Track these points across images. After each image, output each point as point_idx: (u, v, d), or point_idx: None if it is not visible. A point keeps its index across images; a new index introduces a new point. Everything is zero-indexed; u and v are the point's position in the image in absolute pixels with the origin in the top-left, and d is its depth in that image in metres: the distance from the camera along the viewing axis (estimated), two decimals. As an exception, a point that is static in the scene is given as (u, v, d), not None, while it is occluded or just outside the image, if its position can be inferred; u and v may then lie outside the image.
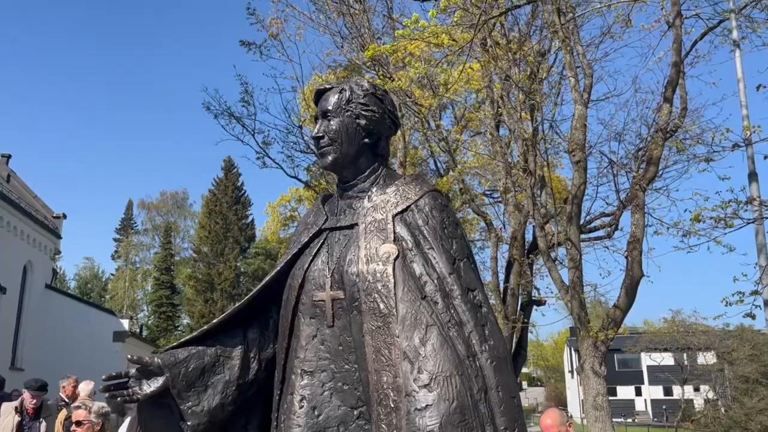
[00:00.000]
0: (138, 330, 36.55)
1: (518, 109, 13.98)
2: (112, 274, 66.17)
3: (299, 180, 18.24)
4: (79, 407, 4.71)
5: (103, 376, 2.33)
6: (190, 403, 2.33)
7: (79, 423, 4.60)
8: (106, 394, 2.30)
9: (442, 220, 2.30)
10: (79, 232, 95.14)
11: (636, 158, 15.47)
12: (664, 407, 46.63)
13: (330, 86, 2.48)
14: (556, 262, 12.40)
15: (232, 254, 52.33)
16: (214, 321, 2.45)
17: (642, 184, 12.00)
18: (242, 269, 54.07)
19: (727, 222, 7.32)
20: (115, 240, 67.02)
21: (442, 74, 14.48)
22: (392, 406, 2.00)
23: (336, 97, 2.41)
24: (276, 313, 2.48)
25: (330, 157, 2.40)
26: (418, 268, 2.17)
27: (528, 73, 14.38)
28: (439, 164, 23.41)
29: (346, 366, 2.21)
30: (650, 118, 14.96)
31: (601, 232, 16.37)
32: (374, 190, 2.39)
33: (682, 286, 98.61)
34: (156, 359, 2.35)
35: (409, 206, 2.31)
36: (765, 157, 6.23)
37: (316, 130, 2.42)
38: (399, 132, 14.86)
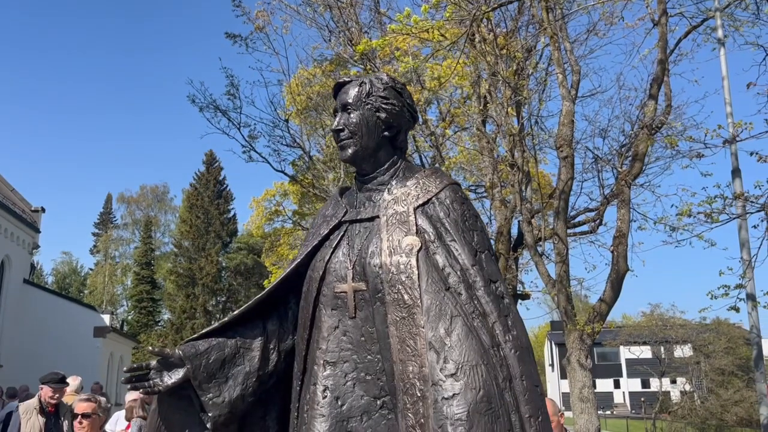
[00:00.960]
0: (119, 325, 36.23)
1: (505, 105, 14.06)
2: (91, 269, 65.50)
3: (286, 174, 18.19)
4: (88, 399, 4.64)
5: (125, 368, 2.34)
6: (210, 394, 2.34)
7: (86, 415, 4.54)
8: (128, 386, 2.31)
9: (463, 213, 2.34)
10: (57, 227, 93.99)
11: (620, 154, 15.67)
12: (642, 399, 47.29)
13: (349, 79, 2.50)
14: (543, 256, 12.51)
15: (214, 249, 52.04)
16: (235, 312, 2.46)
17: (628, 179, 12.15)
18: (224, 264, 53.79)
19: (714, 217, 7.42)
20: (94, 234, 66.36)
21: (427, 69, 14.53)
22: (419, 395, 2.03)
23: (356, 90, 2.43)
24: (295, 304, 2.50)
25: (350, 150, 2.42)
26: (441, 259, 2.20)
27: (514, 69, 14.46)
28: (424, 159, 23.47)
29: (369, 356, 2.24)
30: (634, 114, 15.16)
31: (585, 227, 16.54)
32: (394, 182, 2.42)
33: (661, 280, 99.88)
34: (177, 351, 2.36)
35: (430, 199, 2.34)
36: (755, 156, 6.32)
37: (336, 123, 2.44)
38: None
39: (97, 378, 21.24)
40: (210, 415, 2.34)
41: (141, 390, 2.32)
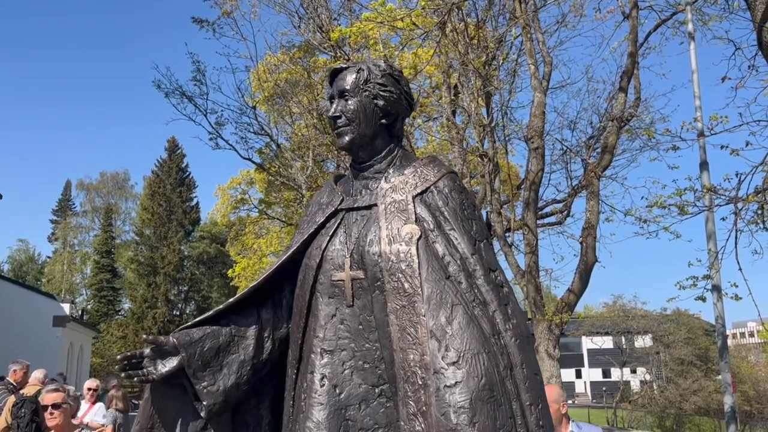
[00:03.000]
0: (79, 315, 35.57)
1: (475, 95, 14.11)
2: (49, 257, 64.10)
3: (253, 162, 18.01)
4: (56, 389, 4.51)
5: (118, 356, 2.29)
6: (205, 383, 2.30)
7: (57, 406, 4.42)
8: (123, 374, 2.26)
9: (462, 202, 2.33)
10: (13, 214, 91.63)
11: (587, 146, 15.88)
12: (603, 389, 48.24)
13: (346, 65, 2.46)
14: (512, 247, 12.63)
15: (176, 237, 51.39)
16: (230, 300, 2.43)
17: (597, 171, 12.33)
18: (186, 253, 53.20)
19: (685, 210, 7.57)
20: (52, 222, 64.94)
21: (396, 59, 14.47)
22: (420, 383, 2.02)
23: (353, 76, 2.40)
24: (289, 292, 2.47)
25: (347, 138, 2.39)
26: (440, 248, 2.19)
27: (484, 60, 14.50)
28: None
29: (367, 345, 2.22)
30: (602, 107, 15.37)
31: (552, 218, 16.72)
32: (391, 171, 2.40)
33: (623, 271, 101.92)
34: (171, 338, 2.32)
35: (429, 187, 2.32)
36: (726, 149, 6.45)
37: (333, 110, 2.41)
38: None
39: (57, 368, 20.84)
40: (204, 403, 2.30)
41: (136, 378, 2.26)
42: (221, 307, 2.42)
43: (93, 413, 9.04)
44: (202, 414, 2.32)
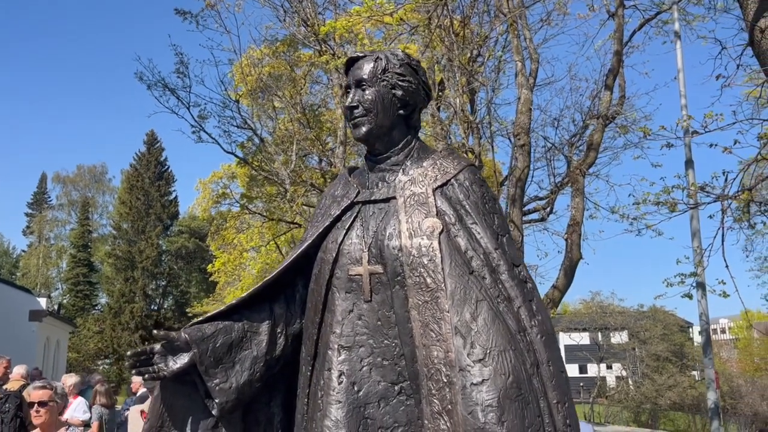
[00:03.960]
0: (55, 309, 35.04)
1: (460, 91, 14.09)
2: (24, 251, 63.04)
3: (236, 156, 17.80)
4: (43, 387, 4.39)
5: (128, 353, 2.21)
6: (217, 380, 2.23)
7: (43, 403, 4.31)
8: (133, 371, 2.18)
9: (483, 195, 2.28)
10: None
11: (570, 144, 15.97)
12: (580, 384, 48.70)
13: (363, 54, 2.40)
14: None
15: (155, 231, 50.79)
16: (243, 295, 2.36)
17: (582, 168, 12.38)
18: (165, 247, 52.62)
19: (673, 207, 7.61)
20: (27, 215, 63.80)
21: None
22: (445, 380, 1.98)
23: (371, 65, 2.34)
24: (303, 287, 2.41)
25: (364, 128, 2.33)
26: (462, 242, 2.14)
27: (468, 56, 14.49)
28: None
29: (386, 341, 2.16)
30: (585, 105, 15.46)
31: (535, 215, 16.78)
32: (409, 163, 2.34)
33: (600, 268, 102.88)
34: (183, 334, 2.25)
35: (449, 180, 2.27)
36: (714, 147, 6.51)
37: (350, 100, 2.35)
38: (340, 111, 14.63)
39: (33, 363, 20.49)
40: (217, 401, 2.23)
41: (146, 375, 2.18)
42: (234, 302, 2.35)
43: (73, 409, 8.90)
44: (214, 412, 2.25)
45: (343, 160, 16.57)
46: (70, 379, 9.52)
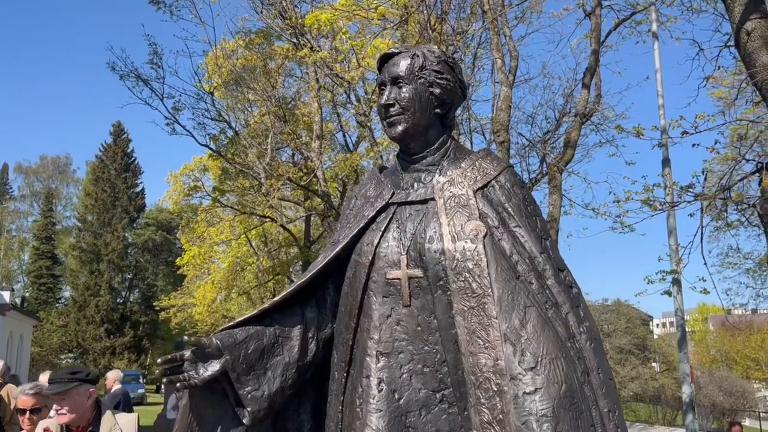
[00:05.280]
0: (19, 302, 34.19)
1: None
2: (-16, 243, 61.44)
3: (211, 149, 17.51)
4: (36, 393, 4.19)
5: (159, 360, 2.10)
6: (249, 387, 2.14)
7: (36, 410, 4.12)
8: (165, 380, 2.08)
9: (524, 197, 2.23)
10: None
11: (544, 141, 16.09)
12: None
13: (398, 50, 2.32)
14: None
15: (121, 224, 49.90)
16: (275, 298, 2.26)
17: (560, 165, 12.45)
18: (131, 240, 51.77)
19: (653, 206, 7.69)
20: (-13, 206, 62.19)
21: (367, 48, 14.30)
22: (495, 389, 1.92)
23: (408, 62, 2.26)
24: (334, 290, 2.33)
25: (400, 127, 2.25)
26: (507, 246, 2.09)
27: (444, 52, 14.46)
28: (348, 138, 23.26)
29: (426, 347, 2.09)
30: (559, 102, 15.59)
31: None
32: (445, 163, 2.27)
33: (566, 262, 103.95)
34: (214, 340, 2.14)
35: (490, 182, 2.21)
36: (696, 147, 6.60)
37: (385, 98, 2.26)
38: (316, 105, 14.47)
39: (-2, 359, 19.95)
40: (249, 410, 2.14)
41: (178, 384, 2.08)
42: (266, 305, 2.26)
43: None
44: (245, 421, 2.16)
45: (319, 154, 16.43)
46: (44, 377, 9.26)
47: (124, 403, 10.22)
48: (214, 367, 2.12)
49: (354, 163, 20.52)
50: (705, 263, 8.03)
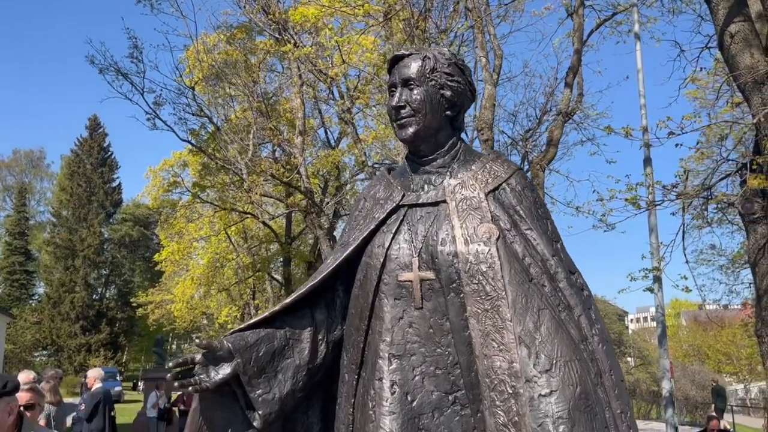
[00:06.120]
0: (-8, 299, 33.66)
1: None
2: (-46, 238, 60.30)
3: (192, 144, 17.36)
4: (30, 389, 4.14)
5: (170, 364, 2.08)
6: (260, 390, 2.13)
7: (29, 407, 4.06)
8: (176, 383, 2.06)
9: (535, 200, 2.25)
10: None
11: (524, 139, 16.21)
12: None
13: (409, 52, 2.32)
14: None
15: (97, 219, 49.28)
16: (286, 301, 2.25)
17: (543, 164, 12.54)
18: (107, 235, 51.17)
19: (636, 205, 7.79)
20: (-41, 200, 61.03)
21: (337, 44, 14.26)
22: (510, 391, 1.93)
23: (419, 64, 2.26)
24: (343, 292, 2.32)
25: (411, 129, 2.25)
26: (519, 249, 2.10)
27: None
28: (330, 134, 23.21)
29: (438, 349, 2.10)
30: (540, 101, 15.71)
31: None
32: (455, 165, 2.28)
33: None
34: (225, 343, 2.12)
35: (500, 185, 2.22)
36: (679, 147, 6.70)
37: (396, 100, 2.26)
38: (299, 101, 14.41)
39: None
40: (260, 413, 2.13)
41: (190, 388, 2.06)
42: (276, 308, 2.24)
43: None
44: (256, 424, 2.14)
45: (301, 150, 16.37)
46: (23, 375, 9.13)
47: (105, 402, 10.11)
48: (225, 370, 2.10)
49: (336, 159, 20.50)
50: (686, 261, 8.16)
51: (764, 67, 6.66)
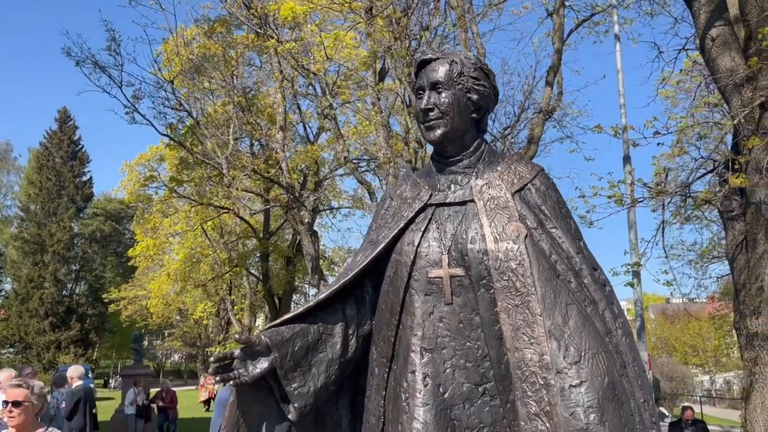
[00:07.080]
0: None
1: (404, 80, 14.17)
2: None
3: (171, 138, 17.22)
4: (19, 385, 4.10)
5: (212, 359, 2.14)
6: (295, 384, 2.21)
7: (17, 403, 4.02)
8: (217, 377, 2.12)
9: (558, 200, 2.35)
10: None
11: (504, 136, 16.42)
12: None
13: (436, 56, 2.40)
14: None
15: (67, 214, 48.39)
16: (319, 296, 2.33)
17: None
18: (78, 230, 50.35)
19: (619, 201, 7.97)
20: None
21: (317, 40, 14.26)
22: (541, 382, 2.03)
23: (446, 68, 2.35)
24: (372, 288, 2.40)
25: (439, 131, 2.34)
26: (546, 246, 2.20)
27: (407, 46, 14.58)
28: (308, 129, 23.16)
29: (468, 343, 2.20)
30: (518, 99, 15.93)
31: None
32: (481, 166, 2.37)
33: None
34: (263, 338, 2.19)
35: (526, 185, 2.32)
36: (661, 146, 6.90)
37: (425, 103, 2.35)
38: (280, 96, 14.36)
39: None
40: (296, 405, 2.20)
41: (231, 382, 2.13)
42: (310, 303, 2.32)
43: None
44: (291, 416, 2.22)
45: (282, 145, 16.35)
46: (2, 374, 9.02)
47: (86, 399, 10.04)
48: (263, 364, 2.17)
49: (315, 154, 20.49)
50: (666, 257, 8.39)
51: (744, 70, 6.86)
